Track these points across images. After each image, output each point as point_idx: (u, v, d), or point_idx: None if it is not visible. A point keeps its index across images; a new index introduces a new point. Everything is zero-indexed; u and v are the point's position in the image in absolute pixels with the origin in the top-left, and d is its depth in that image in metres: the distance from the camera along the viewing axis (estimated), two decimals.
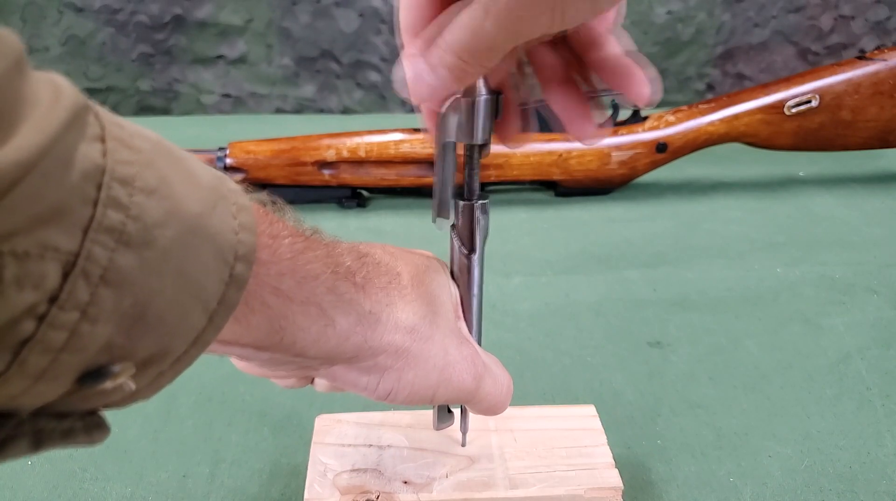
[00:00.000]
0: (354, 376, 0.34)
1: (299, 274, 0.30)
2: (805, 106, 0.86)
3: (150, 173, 0.23)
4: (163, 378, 0.26)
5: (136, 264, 0.22)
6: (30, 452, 0.23)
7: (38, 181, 0.20)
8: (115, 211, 0.22)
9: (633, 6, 1.18)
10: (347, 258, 0.33)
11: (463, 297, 0.39)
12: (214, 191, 0.25)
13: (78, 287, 0.21)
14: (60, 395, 0.23)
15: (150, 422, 0.52)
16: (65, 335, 0.21)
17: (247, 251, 0.26)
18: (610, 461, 0.43)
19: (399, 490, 0.41)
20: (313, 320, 0.30)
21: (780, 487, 0.46)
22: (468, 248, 0.38)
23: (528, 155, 0.86)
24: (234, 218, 0.26)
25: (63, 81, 0.22)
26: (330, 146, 0.84)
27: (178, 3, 1.15)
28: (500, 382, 0.38)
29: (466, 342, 0.37)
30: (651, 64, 0.37)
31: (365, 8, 1.17)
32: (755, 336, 0.61)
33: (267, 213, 0.29)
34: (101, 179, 0.21)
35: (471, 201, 0.37)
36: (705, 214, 0.85)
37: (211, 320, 0.25)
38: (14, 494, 0.46)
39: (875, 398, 0.54)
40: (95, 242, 0.21)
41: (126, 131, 0.23)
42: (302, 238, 0.30)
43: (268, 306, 0.28)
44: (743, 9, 1.20)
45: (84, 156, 0.21)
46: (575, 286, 0.69)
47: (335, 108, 1.23)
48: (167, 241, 0.23)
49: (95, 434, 0.26)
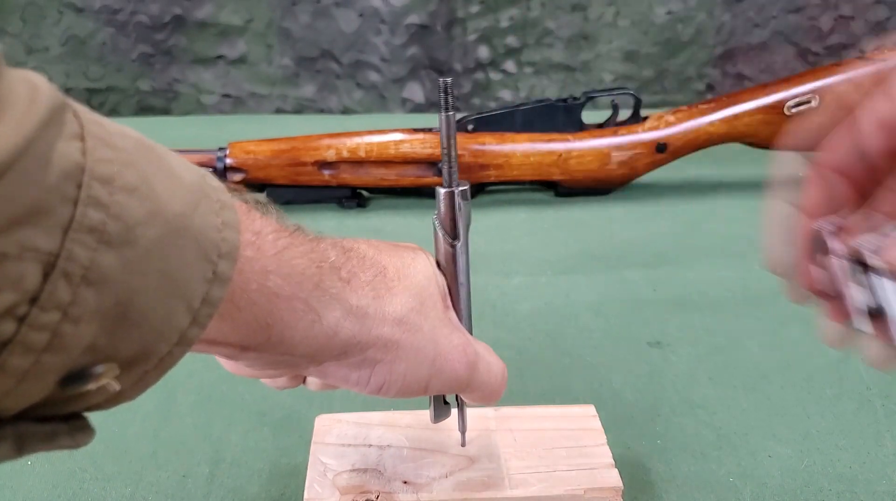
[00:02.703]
0: (345, 372, 0.34)
1: (284, 270, 0.29)
2: (805, 106, 0.85)
3: (130, 172, 0.23)
4: (147, 378, 0.25)
5: (118, 263, 0.22)
6: (12, 456, 0.23)
7: (16, 181, 0.19)
8: (95, 210, 0.21)
9: (633, 6, 1.18)
10: (332, 253, 0.32)
11: (450, 286, 0.39)
12: (197, 189, 0.25)
13: (59, 288, 0.21)
14: (43, 398, 0.22)
15: (149, 422, 0.52)
16: (46, 336, 0.21)
17: (230, 249, 0.26)
18: (610, 461, 0.43)
19: (399, 489, 0.41)
20: (300, 316, 0.30)
21: (780, 487, 0.46)
22: (451, 236, 0.38)
23: (528, 155, 0.86)
24: (217, 216, 0.25)
25: (40, 79, 0.21)
26: (330, 146, 0.84)
27: (178, 3, 1.15)
28: (494, 369, 0.38)
29: (457, 331, 0.37)
30: None
31: (365, 8, 1.17)
32: (755, 336, 0.61)
33: (249, 209, 0.29)
34: (80, 177, 0.21)
35: (451, 187, 0.37)
36: (705, 214, 0.85)
37: (195, 319, 0.25)
38: (14, 494, 0.46)
39: (875, 398, 0.54)
40: (76, 241, 0.21)
41: (105, 129, 0.23)
42: (286, 234, 0.30)
43: (254, 303, 0.28)
44: (743, 9, 1.20)
45: (63, 155, 0.21)
46: (575, 286, 0.69)
47: (335, 108, 1.22)
48: (149, 240, 0.23)
49: (79, 437, 0.25)
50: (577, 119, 0.87)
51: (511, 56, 1.21)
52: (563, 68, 1.22)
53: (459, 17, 1.18)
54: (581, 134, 0.86)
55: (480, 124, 0.85)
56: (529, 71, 1.22)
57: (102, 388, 0.23)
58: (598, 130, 0.87)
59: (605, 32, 1.20)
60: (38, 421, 0.23)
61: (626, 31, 1.20)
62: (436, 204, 0.38)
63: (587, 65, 1.22)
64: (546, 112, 0.86)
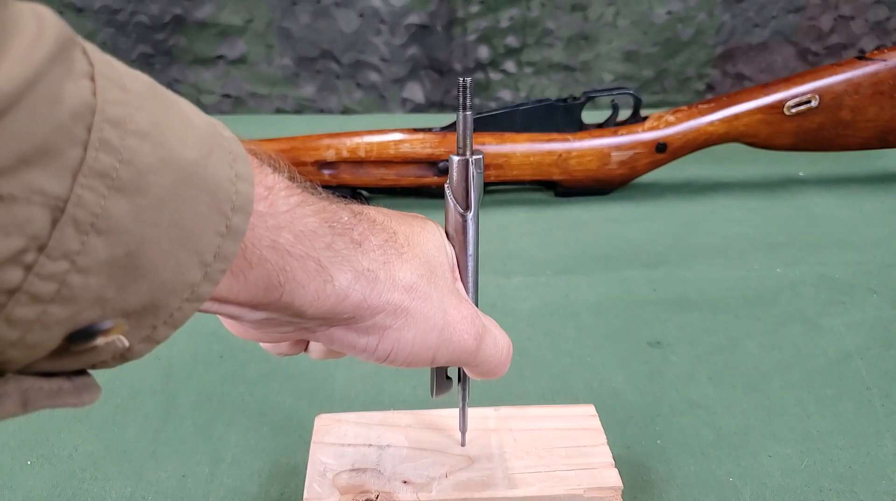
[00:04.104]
0: (353, 337, 0.33)
1: (297, 228, 0.28)
2: (805, 106, 0.86)
3: (142, 116, 0.22)
4: (156, 335, 0.24)
5: (129, 212, 0.21)
6: (18, 412, 0.22)
7: (24, 117, 0.18)
8: (106, 154, 0.20)
9: (633, 6, 1.18)
10: (344, 214, 0.31)
11: (459, 258, 0.38)
12: (210, 137, 0.24)
13: (67, 235, 0.20)
14: (50, 353, 0.22)
15: (149, 422, 0.52)
16: (54, 286, 0.20)
17: (244, 202, 0.25)
18: (609, 460, 0.43)
19: (398, 489, 0.41)
20: (312, 276, 0.29)
21: (780, 487, 0.46)
22: (463, 206, 0.37)
23: (528, 155, 0.86)
24: (231, 167, 0.25)
25: (47, 11, 0.20)
26: (330, 146, 0.84)
27: (178, 3, 1.15)
28: (500, 344, 0.37)
29: (466, 302, 0.36)
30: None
31: (365, 8, 1.17)
32: (755, 336, 0.61)
33: (261, 164, 0.28)
34: (91, 119, 0.20)
35: (465, 156, 0.37)
36: (705, 214, 0.85)
37: (207, 274, 0.24)
38: (14, 494, 0.46)
39: (875, 398, 0.54)
40: (86, 187, 0.20)
41: (116, 70, 0.22)
42: (298, 191, 0.29)
43: (266, 260, 0.27)
44: (743, 9, 1.20)
45: (73, 93, 0.20)
46: (575, 286, 0.69)
47: (335, 108, 1.23)
48: (161, 189, 0.22)
49: (85, 395, 0.24)
50: (577, 119, 0.87)
51: (511, 56, 1.21)
52: (563, 68, 1.22)
53: (459, 17, 1.18)
54: (581, 134, 0.86)
55: (480, 124, 0.85)
56: (529, 71, 1.22)
57: (110, 344, 0.23)
58: (597, 130, 0.87)
59: (605, 32, 1.20)
60: (43, 377, 0.23)
61: (626, 31, 1.20)
62: (448, 173, 0.37)
63: (587, 65, 1.22)
64: (546, 112, 0.86)
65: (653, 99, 1.24)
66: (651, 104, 1.22)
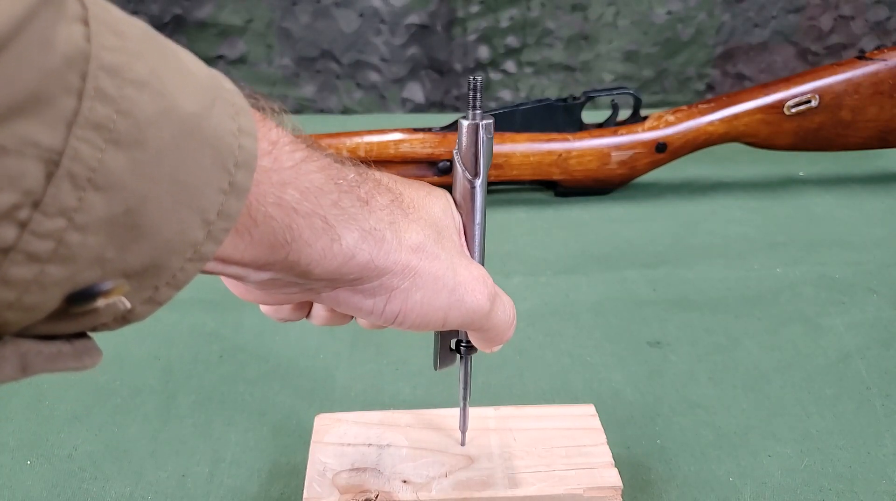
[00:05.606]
0: (359, 299, 0.32)
1: (302, 184, 0.27)
2: (805, 106, 0.86)
3: (140, 64, 0.20)
4: (159, 297, 0.23)
5: (128, 166, 0.20)
6: (17, 376, 0.22)
7: (13, 61, 0.17)
8: (102, 105, 0.19)
9: (633, 6, 1.18)
10: (350, 172, 0.30)
11: (466, 226, 0.38)
12: (211, 89, 0.23)
13: (63, 191, 0.19)
14: (49, 315, 0.21)
15: (149, 422, 0.52)
16: (51, 245, 0.19)
17: (247, 157, 0.24)
18: (609, 460, 0.43)
19: (398, 489, 0.41)
20: (319, 234, 0.28)
21: (780, 487, 0.46)
22: (472, 173, 0.37)
23: (528, 155, 0.86)
24: (233, 121, 0.23)
25: None
26: (330, 146, 0.84)
27: (178, 3, 1.15)
28: (508, 307, 0.37)
29: (475, 263, 0.36)
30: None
31: (365, 8, 1.17)
32: (755, 336, 0.61)
33: (264, 118, 0.27)
34: (85, 66, 0.19)
35: (475, 120, 0.36)
36: (705, 214, 0.85)
37: (210, 233, 0.23)
38: (13, 494, 0.46)
39: (875, 398, 0.54)
40: (81, 139, 0.19)
41: (111, 14, 0.20)
42: (303, 146, 0.28)
43: (271, 218, 0.26)
44: (743, 9, 1.20)
45: (65, 38, 0.18)
46: (575, 286, 0.69)
47: (335, 108, 1.23)
48: (161, 142, 0.21)
49: (85, 359, 0.23)
50: (577, 119, 0.87)
51: (511, 56, 1.21)
52: (563, 68, 1.22)
53: (459, 17, 1.18)
54: (581, 134, 0.86)
55: None
56: (529, 71, 1.22)
57: (111, 306, 0.22)
58: (597, 130, 0.87)
59: (605, 32, 1.20)
60: (42, 340, 0.22)
61: (626, 31, 1.20)
62: (457, 138, 0.37)
63: (587, 65, 1.22)
64: (546, 112, 0.86)
65: (653, 99, 1.24)
66: (651, 104, 1.22)
